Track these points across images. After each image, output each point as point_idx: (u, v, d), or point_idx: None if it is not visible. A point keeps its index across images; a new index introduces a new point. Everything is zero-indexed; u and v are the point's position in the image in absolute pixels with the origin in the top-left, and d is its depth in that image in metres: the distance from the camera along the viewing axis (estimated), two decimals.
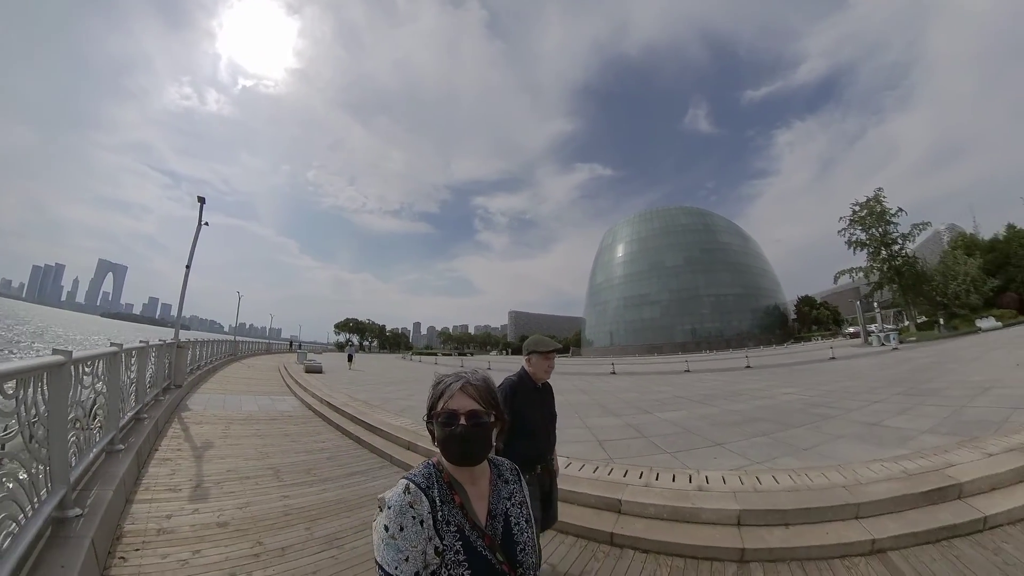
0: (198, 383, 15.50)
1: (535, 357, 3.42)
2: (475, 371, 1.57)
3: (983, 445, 5.79)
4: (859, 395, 11.18)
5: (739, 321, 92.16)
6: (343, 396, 13.89)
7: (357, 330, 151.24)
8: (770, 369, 21.77)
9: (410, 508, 1.32)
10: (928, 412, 8.34)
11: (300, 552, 4.13)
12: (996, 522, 4.22)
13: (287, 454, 7.70)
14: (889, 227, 45.34)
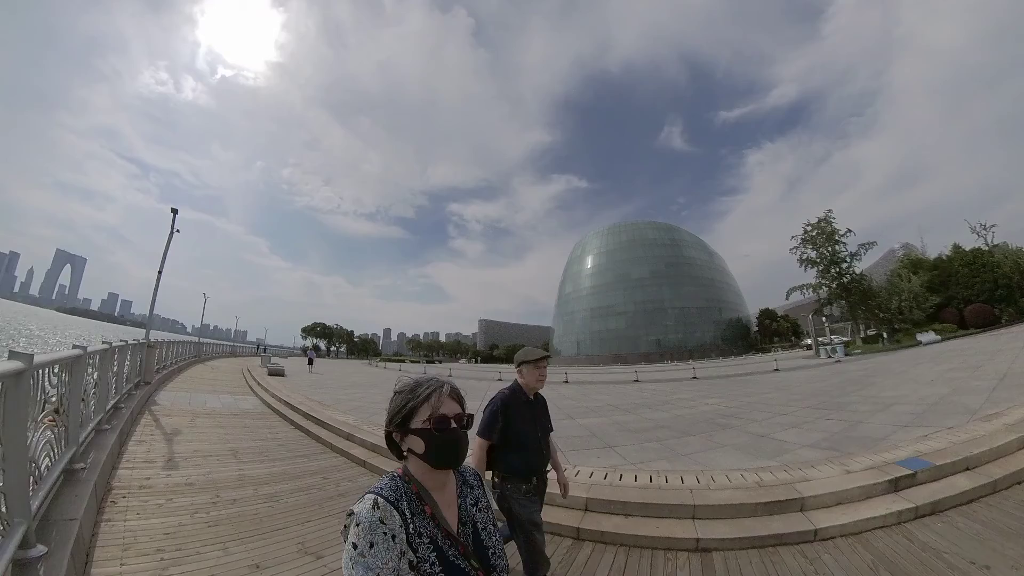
0: (164, 382, 16.28)
1: (526, 368, 3.41)
2: (438, 376, 1.61)
3: (848, 462, 6.09)
4: (771, 407, 11.75)
5: (702, 333, 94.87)
6: (300, 396, 15.01)
7: (324, 335, 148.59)
8: (713, 380, 22.63)
9: (380, 524, 1.30)
10: (822, 426, 8.74)
11: (247, 503, 5.44)
12: (827, 535, 4.55)
13: (245, 441, 8.93)
14: (838, 247, 48.08)
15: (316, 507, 5.51)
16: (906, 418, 8.54)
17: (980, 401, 8.95)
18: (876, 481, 5.31)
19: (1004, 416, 7.29)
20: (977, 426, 7.09)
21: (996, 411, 7.76)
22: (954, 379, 12.87)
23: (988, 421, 7.26)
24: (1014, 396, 8.95)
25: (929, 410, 9.05)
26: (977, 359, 17.15)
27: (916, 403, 9.98)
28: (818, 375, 20.86)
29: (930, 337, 36.04)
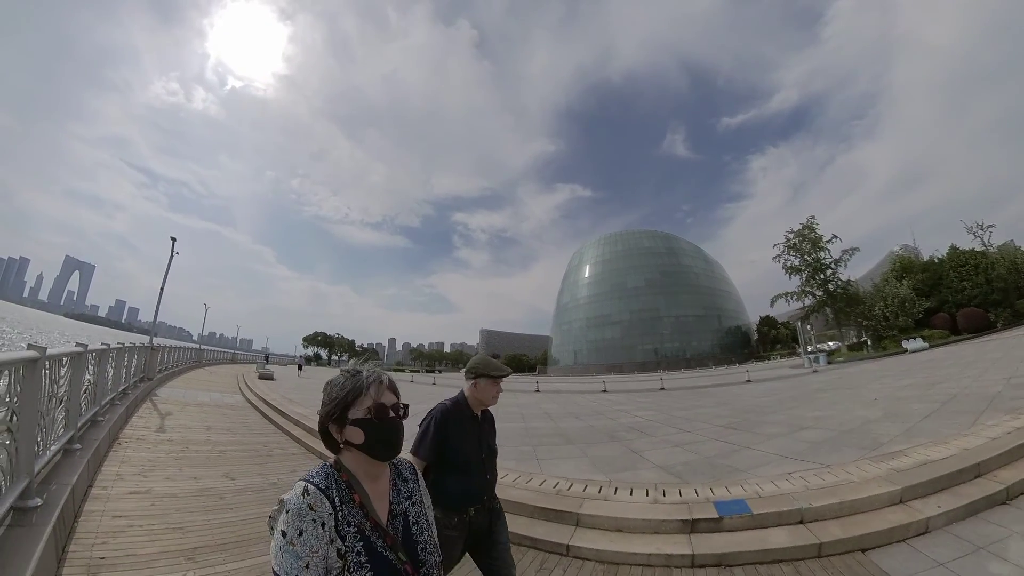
0: (165, 380, 18.77)
1: (483, 381, 2.95)
2: (372, 365, 1.62)
3: (676, 491, 5.84)
4: (685, 422, 11.66)
5: (699, 341, 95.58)
6: (277, 395, 17.13)
7: (325, 344, 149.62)
8: (676, 392, 22.67)
9: (310, 511, 1.30)
10: (701, 449, 8.47)
11: (204, 453, 8.12)
12: (579, 554, 4.66)
13: (219, 422, 11.52)
14: (821, 253, 48.71)
15: (247, 459, 8.13)
16: (798, 448, 7.75)
17: (896, 432, 7.88)
18: (672, 518, 5.01)
19: (904, 456, 6.25)
20: (861, 467, 6.03)
21: (899, 448, 6.73)
22: (899, 399, 11.89)
23: (879, 462, 6.19)
24: (940, 428, 7.78)
25: (830, 440, 8.10)
26: (945, 372, 16.14)
27: (828, 429, 9.04)
28: (776, 388, 20.15)
29: (917, 344, 35.14)
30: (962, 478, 5.40)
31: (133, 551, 4.06)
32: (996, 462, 5.67)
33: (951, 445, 6.47)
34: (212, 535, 4.58)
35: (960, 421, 8.01)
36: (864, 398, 13.03)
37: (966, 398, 10.37)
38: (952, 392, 11.53)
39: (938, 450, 6.34)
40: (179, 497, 5.64)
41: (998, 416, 7.86)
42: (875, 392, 14.02)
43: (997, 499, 4.96)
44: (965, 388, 11.86)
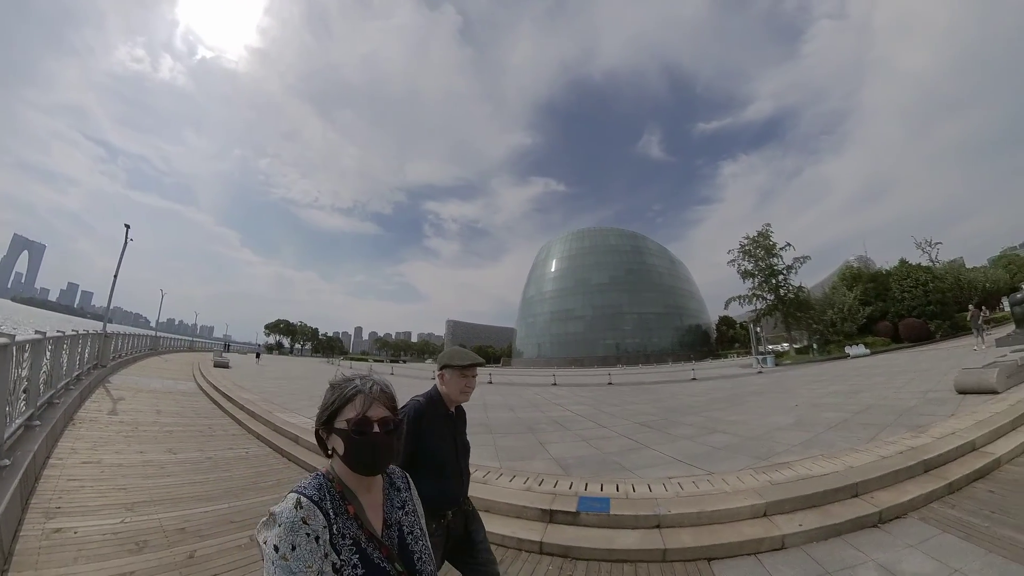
0: (119, 368, 19.26)
1: (449, 373, 2.77)
2: (374, 374, 1.57)
3: (566, 481, 6.23)
4: (615, 418, 12.17)
5: (660, 338, 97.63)
6: (228, 383, 17.74)
7: (288, 332, 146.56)
8: (624, 387, 23.35)
9: (303, 524, 1.27)
10: (605, 445, 8.80)
11: (151, 431, 9.15)
12: None
13: (169, 407, 12.38)
14: (774, 259, 50.67)
15: (190, 437, 9.10)
16: (697, 452, 7.86)
17: (795, 442, 7.87)
18: (535, 506, 5.36)
19: (788, 469, 6.30)
20: (741, 478, 6.10)
21: (789, 460, 6.76)
22: (818, 406, 11.86)
23: (762, 473, 6.25)
24: (838, 440, 7.74)
25: (732, 446, 8.11)
26: (873, 381, 16.13)
27: (736, 435, 9.07)
28: (715, 388, 20.38)
29: (859, 350, 36.39)
30: (837, 497, 5.36)
31: (83, 503, 5.12)
32: (877, 483, 5.59)
33: (839, 460, 6.45)
34: (150, 494, 5.61)
35: (861, 435, 7.94)
36: (788, 403, 13.00)
37: (879, 410, 10.25)
38: (869, 402, 11.41)
39: (824, 465, 6.32)
40: (125, 466, 6.62)
41: (900, 432, 7.75)
42: (802, 397, 14.08)
43: (867, 522, 4.89)
44: (883, 399, 11.75)
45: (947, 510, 5.05)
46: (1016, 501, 5.06)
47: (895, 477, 5.73)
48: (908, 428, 7.97)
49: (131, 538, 4.40)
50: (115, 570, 3.80)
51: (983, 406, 8.78)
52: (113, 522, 4.71)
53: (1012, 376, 10.40)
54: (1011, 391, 9.76)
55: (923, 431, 7.58)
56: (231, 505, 5.52)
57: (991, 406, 8.65)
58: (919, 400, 10.76)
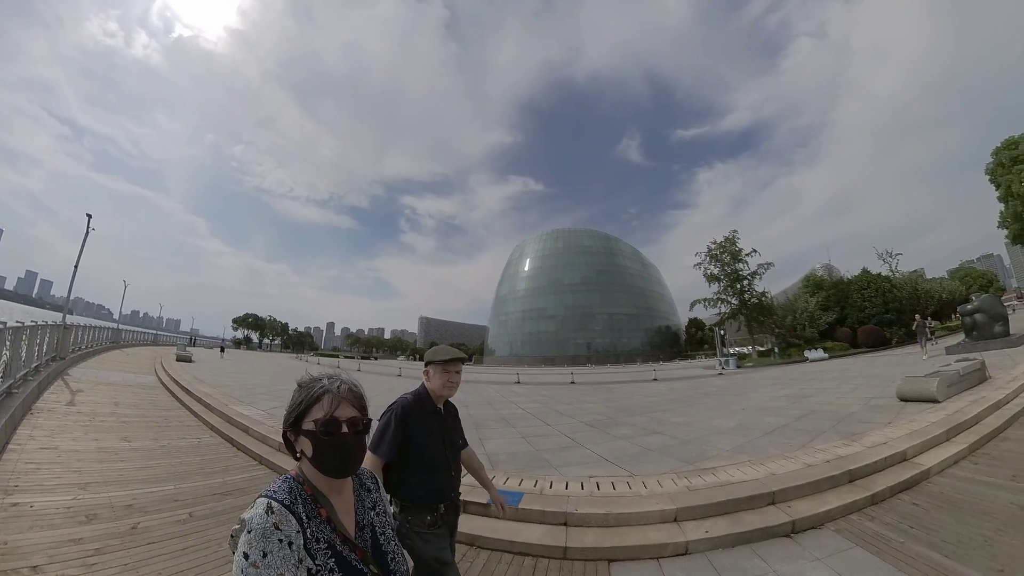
0: (78, 361, 19.11)
1: (433, 369, 2.87)
2: (343, 373, 1.54)
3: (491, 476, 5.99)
4: (563, 417, 12.66)
5: (630, 338, 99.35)
6: (189, 376, 17.76)
7: (256, 327, 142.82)
8: (585, 386, 24.03)
9: (275, 530, 1.23)
10: (542, 443, 9.10)
11: (108, 421, 9.44)
12: None
13: (127, 399, 12.49)
14: (740, 265, 51.98)
15: (146, 427, 9.46)
16: (629, 452, 8.03)
17: (728, 447, 7.91)
18: None
19: (711, 474, 6.34)
20: (662, 481, 6.16)
21: (715, 465, 6.78)
22: (763, 410, 11.95)
23: (684, 477, 6.31)
24: (770, 446, 7.74)
25: (665, 448, 8.20)
26: (824, 385, 16.26)
27: (674, 437, 9.19)
28: (671, 389, 20.68)
29: (818, 354, 37.81)
30: (752, 504, 5.31)
31: (39, 483, 5.54)
32: (797, 492, 5.54)
33: (764, 467, 6.45)
34: (103, 476, 6.03)
35: (795, 441, 7.93)
36: (736, 406, 13.08)
37: (819, 415, 10.30)
38: (813, 407, 11.48)
39: (748, 471, 6.30)
40: (80, 452, 7.00)
41: (833, 440, 7.73)
42: (751, 400, 14.15)
43: (779, 531, 4.84)
44: (827, 404, 11.80)
45: (865, 522, 4.97)
46: (937, 517, 4.96)
47: (816, 487, 5.67)
48: (843, 436, 7.98)
49: (82, 512, 4.86)
50: (66, 537, 4.27)
51: (921, 415, 8.89)
52: (67, 498, 5.15)
53: (953, 385, 10.61)
54: (951, 400, 9.95)
55: (857, 439, 7.60)
56: (176, 487, 5.97)
57: (929, 415, 8.76)
58: (861, 407, 10.86)
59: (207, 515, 5.18)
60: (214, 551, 4.31)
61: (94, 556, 4.02)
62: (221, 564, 4.09)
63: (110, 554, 4.08)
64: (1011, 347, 19.19)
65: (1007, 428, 8.21)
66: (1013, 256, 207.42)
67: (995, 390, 10.56)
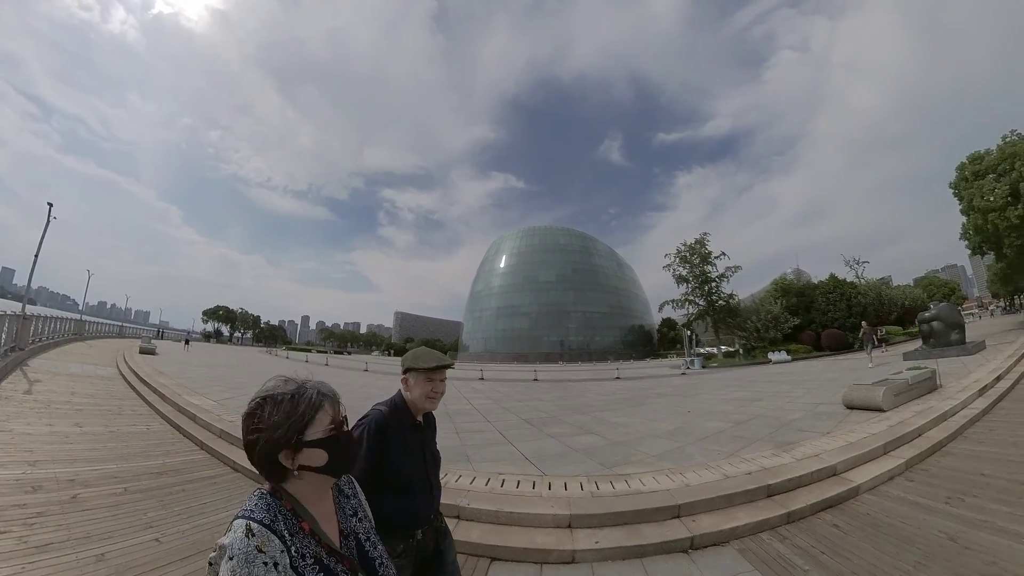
0: (38, 352, 19.01)
1: (414, 376, 2.44)
2: (309, 379, 1.46)
3: None
4: (508, 413, 12.93)
5: (603, 337, 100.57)
6: (149, 368, 18.08)
7: (227, 319, 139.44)
8: (547, 383, 24.60)
9: (258, 553, 1.16)
10: (476, 438, 9.31)
11: (62, 408, 9.98)
12: None
13: (84, 389, 12.99)
14: (708, 267, 53.10)
15: (99, 414, 10.05)
16: (554, 451, 8.14)
17: (656, 452, 7.84)
18: None
19: (623, 481, 6.17)
20: (571, 485, 6.08)
21: (632, 472, 6.66)
22: (709, 412, 11.92)
23: (595, 481, 6.21)
24: (699, 453, 7.63)
25: (592, 450, 8.21)
26: (778, 388, 16.33)
27: (607, 438, 9.20)
28: (628, 388, 20.87)
29: (781, 356, 38.20)
30: (655, 516, 5.13)
31: None
32: (706, 505, 5.31)
33: (682, 476, 6.25)
34: (51, 456, 6.68)
35: (725, 449, 7.76)
36: (683, 408, 13.07)
37: (761, 421, 10.13)
38: (758, 412, 11.36)
39: (663, 480, 6.11)
40: (33, 435, 7.59)
41: (764, 449, 7.49)
42: (702, 402, 14.19)
43: (676, 547, 4.65)
44: (773, 409, 11.70)
45: (774, 543, 4.68)
46: (856, 542, 4.62)
47: (729, 500, 5.41)
48: (776, 445, 7.75)
49: (28, 483, 5.55)
50: (11, 503, 4.95)
51: (862, 425, 8.72)
52: (16, 473, 5.82)
53: (901, 394, 10.54)
54: (897, 410, 9.83)
55: (789, 449, 7.38)
56: (119, 466, 6.60)
57: (871, 425, 8.61)
58: (806, 413, 10.78)
59: (140, 490, 5.80)
60: (139, 518, 4.95)
61: (35, 518, 4.66)
62: (143, 528, 4.71)
63: (49, 517, 4.73)
64: (966, 355, 19.66)
65: (951, 442, 8.07)
66: (975, 267, 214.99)
67: (943, 400, 10.51)
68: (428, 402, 2.45)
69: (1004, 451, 7.22)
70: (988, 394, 11.31)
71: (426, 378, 2.41)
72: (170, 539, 4.54)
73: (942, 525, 4.84)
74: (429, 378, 2.42)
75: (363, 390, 17.70)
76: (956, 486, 5.89)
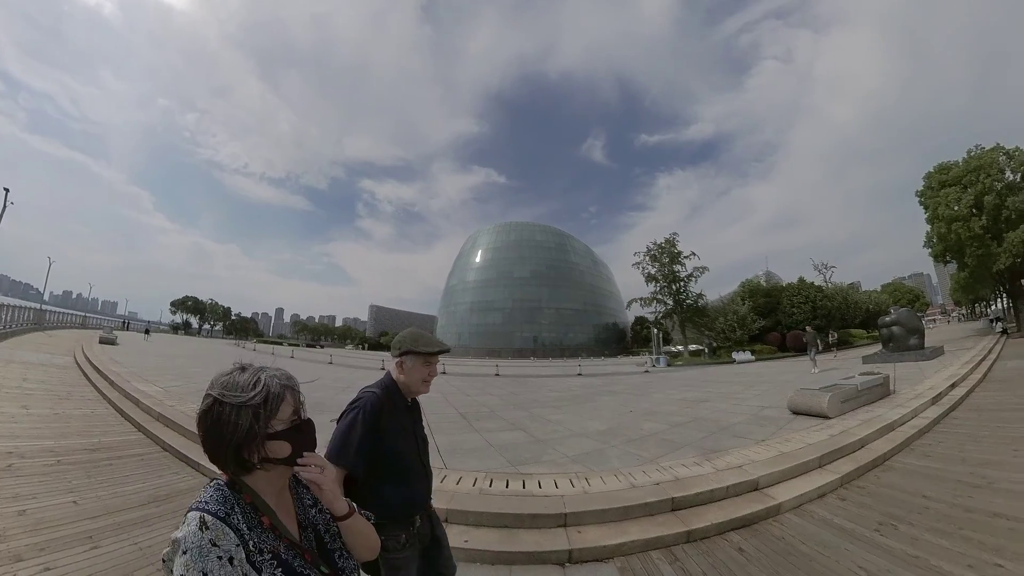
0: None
1: (411, 360, 2.38)
2: (266, 366, 1.38)
3: None
4: (448, 408, 12.63)
5: (576, 334, 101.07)
6: (105, 357, 18.28)
7: (196, 311, 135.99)
8: (508, 378, 24.53)
9: (212, 547, 1.09)
10: None
11: (14, 394, 10.29)
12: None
13: (37, 376, 13.35)
14: (677, 267, 53.49)
15: (47, 398, 10.49)
16: (470, 446, 8.08)
17: (576, 451, 7.65)
18: None
19: (524, 479, 6.01)
20: (463, 478, 6.02)
21: (540, 471, 6.44)
22: (651, 413, 11.63)
23: (490, 477, 6.08)
24: (621, 456, 7.30)
25: (510, 446, 8.09)
26: (731, 389, 16.14)
27: (532, 435, 9.07)
28: (584, 385, 20.61)
29: (745, 356, 39.38)
30: (540, 522, 4.81)
31: None
32: (598, 516, 4.92)
33: (587, 482, 5.87)
34: None
35: (648, 454, 7.35)
36: (629, 407, 12.79)
37: (699, 424, 9.77)
38: (701, 414, 11.04)
39: (564, 484, 5.79)
40: None
41: (688, 456, 7.05)
42: (649, 401, 13.94)
43: (552, 558, 4.32)
44: (718, 411, 11.40)
45: (663, 565, 4.22)
46: (757, 572, 4.05)
47: (625, 513, 4.98)
48: (703, 452, 7.27)
49: None
50: None
51: (802, 433, 8.16)
52: None
53: (849, 401, 10.04)
54: (843, 418, 9.29)
55: (714, 457, 6.87)
56: (56, 443, 7.15)
57: (810, 434, 8.06)
58: (749, 417, 10.35)
59: (72, 463, 6.37)
60: (64, 485, 5.55)
61: None
62: (65, 492, 5.30)
63: None
64: (924, 360, 20.00)
65: (894, 455, 7.45)
66: (939, 275, 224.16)
67: (893, 408, 10.02)
68: (424, 386, 2.45)
69: (950, 468, 6.54)
70: (942, 402, 10.97)
71: (424, 362, 2.39)
72: (86, 502, 5.10)
73: (864, 559, 4.14)
74: (427, 362, 2.40)
75: (318, 381, 17.61)
76: (892, 509, 5.21)
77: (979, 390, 12.78)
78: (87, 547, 4.12)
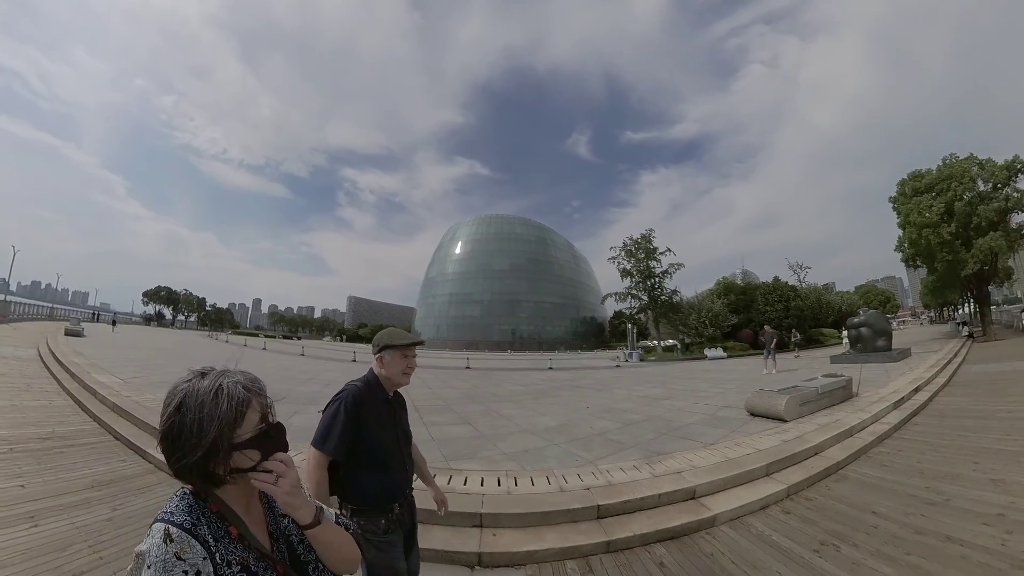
0: None
1: (389, 354, 2.57)
2: (227, 368, 1.27)
3: None
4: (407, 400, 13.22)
5: (554, 327, 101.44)
6: (68, 349, 18.34)
7: (170, 301, 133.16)
8: (478, 371, 24.71)
9: (178, 561, 1.02)
10: None
11: None
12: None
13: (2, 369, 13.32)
14: (652, 263, 53.63)
15: (5, 389, 10.58)
16: (418, 438, 8.00)
17: (516, 448, 7.57)
18: None
19: (451, 477, 5.90)
20: None
21: (472, 468, 6.34)
22: (608, 410, 11.44)
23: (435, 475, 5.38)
24: (564, 454, 7.14)
25: (455, 440, 8.14)
26: (695, 385, 16.13)
27: (479, 430, 8.97)
28: (553, 378, 20.78)
29: (716, 353, 39.63)
30: (455, 521, 4.64)
31: None
32: (518, 520, 4.75)
33: (512, 483, 5.69)
34: None
35: (592, 454, 7.15)
36: (586, 403, 12.61)
37: (652, 423, 9.48)
38: (656, 413, 10.76)
39: (490, 483, 5.64)
40: None
41: (630, 458, 6.82)
42: (611, 397, 13.80)
43: (461, 559, 4.21)
44: (674, 410, 11.13)
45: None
46: None
47: (544, 518, 4.75)
48: (646, 454, 7.03)
49: None
50: None
51: (754, 437, 7.80)
52: None
53: (807, 404, 9.66)
54: (800, 422, 8.91)
55: (656, 461, 6.56)
56: (11, 432, 7.35)
57: (762, 439, 7.64)
58: (705, 417, 10.06)
59: (24, 450, 6.57)
60: (13, 470, 5.76)
61: None
62: (14, 477, 5.53)
63: None
64: (891, 361, 20.18)
65: (849, 464, 7.03)
66: (911, 279, 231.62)
67: (854, 412, 9.63)
68: (404, 377, 2.61)
69: (906, 481, 6.10)
70: (904, 407, 10.61)
71: (401, 355, 2.57)
72: (33, 486, 5.34)
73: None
74: (404, 355, 2.58)
75: (285, 372, 17.78)
76: (837, 526, 4.78)
77: (943, 394, 12.58)
78: (28, 526, 4.41)
